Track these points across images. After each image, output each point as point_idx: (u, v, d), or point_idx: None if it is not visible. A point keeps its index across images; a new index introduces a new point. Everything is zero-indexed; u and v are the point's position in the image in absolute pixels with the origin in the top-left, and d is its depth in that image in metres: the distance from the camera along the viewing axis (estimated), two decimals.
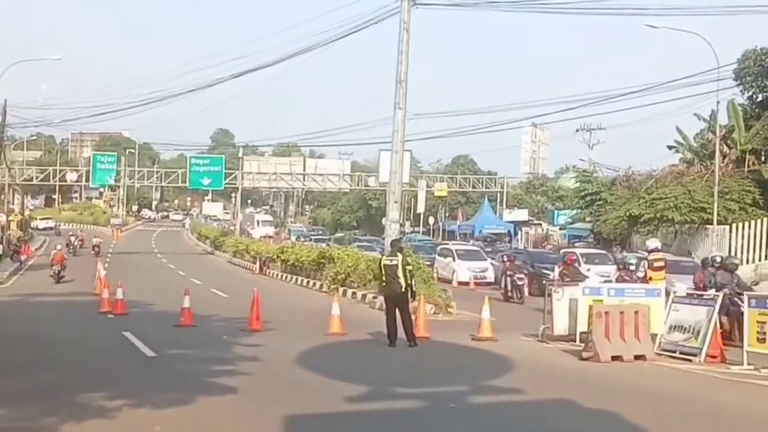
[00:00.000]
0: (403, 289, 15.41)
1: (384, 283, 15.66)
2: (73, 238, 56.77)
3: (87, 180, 61.34)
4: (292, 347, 15.28)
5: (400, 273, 15.39)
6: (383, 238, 61.79)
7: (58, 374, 12.08)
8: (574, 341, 15.85)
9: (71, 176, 62.93)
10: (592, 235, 50.44)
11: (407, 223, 77.22)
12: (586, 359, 13.74)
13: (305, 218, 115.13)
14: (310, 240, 56.09)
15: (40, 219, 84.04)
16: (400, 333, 15.32)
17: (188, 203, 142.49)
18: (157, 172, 65.32)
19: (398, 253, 15.76)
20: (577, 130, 69.12)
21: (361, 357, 14.82)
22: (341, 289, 29.38)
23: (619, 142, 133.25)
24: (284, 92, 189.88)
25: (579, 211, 57.27)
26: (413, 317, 16.07)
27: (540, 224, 65.05)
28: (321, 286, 31.68)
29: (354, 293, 28.00)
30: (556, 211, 72.75)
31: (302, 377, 12.06)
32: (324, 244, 45.08)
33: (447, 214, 75.64)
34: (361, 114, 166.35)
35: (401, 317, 15.49)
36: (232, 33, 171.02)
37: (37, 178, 61.91)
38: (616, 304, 14.75)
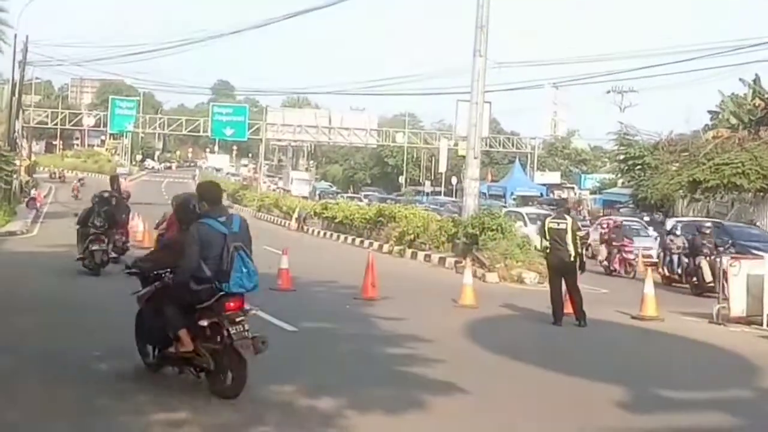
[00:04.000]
0: (571, 258, 13.18)
1: (548, 250, 13.38)
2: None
3: (104, 125, 58.49)
4: (441, 322, 13.09)
5: (569, 239, 13.12)
6: (401, 195, 59.85)
7: None
8: (759, 324, 13.74)
9: (88, 121, 60.03)
10: (632, 201, 48.40)
11: (427, 183, 74.79)
12: None
13: (311, 174, 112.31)
14: (333, 197, 53.41)
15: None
16: None
17: (190, 154, 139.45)
18: (177, 120, 62.35)
19: (566, 216, 13.45)
20: (608, 92, 66.71)
21: (544, 339, 12.47)
22: (409, 251, 27.26)
23: (647, 105, 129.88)
24: (288, 42, 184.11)
25: (617, 175, 55.12)
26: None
27: (572, 188, 62.75)
28: (381, 246, 29.39)
29: (428, 256, 25.75)
30: (582, 175, 70.55)
31: (516, 369, 9.74)
32: (359, 202, 42.85)
33: None
34: (372, 70, 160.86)
35: (569, 291, 13.30)
36: None
37: (52, 122, 58.91)
38: None
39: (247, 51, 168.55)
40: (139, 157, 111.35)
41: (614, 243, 24.08)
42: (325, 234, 36.88)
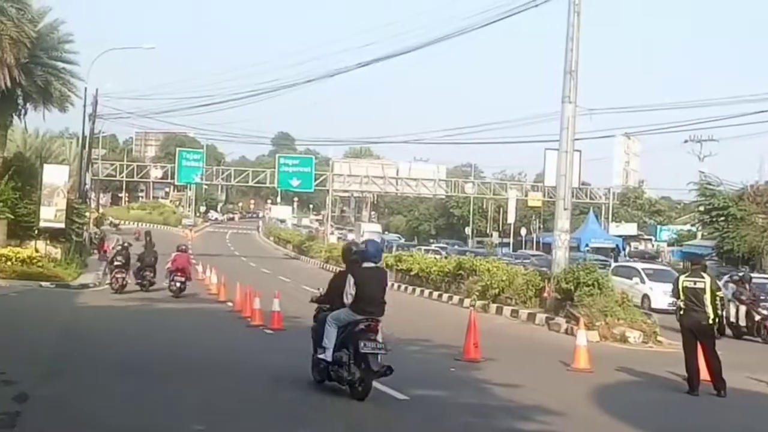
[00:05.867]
0: (710, 321, 11.78)
1: (682, 311, 11.98)
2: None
3: (171, 177, 58.56)
4: (562, 390, 11.79)
5: (707, 300, 11.73)
6: (480, 247, 58.68)
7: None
8: None
9: (155, 173, 60.23)
10: (715, 254, 46.27)
11: (495, 234, 73.35)
12: None
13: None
14: (409, 249, 52.04)
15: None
16: None
17: (252, 206, 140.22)
18: (243, 171, 62.23)
19: (703, 274, 12.05)
20: (686, 141, 64.55)
21: (687, 412, 11.03)
22: (493, 306, 25.89)
23: (724, 154, 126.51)
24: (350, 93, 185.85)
25: (698, 227, 53.08)
26: None
27: (650, 239, 60.64)
28: (461, 300, 28.16)
29: (515, 312, 24.36)
30: (658, 226, 68.48)
31: None
32: (436, 255, 41.62)
33: (540, 226, 71.52)
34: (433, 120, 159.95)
35: (706, 357, 11.87)
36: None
37: (119, 175, 59.20)
38: None
39: (307, 102, 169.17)
40: (202, 209, 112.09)
41: (746, 302, 21.37)
42: (399, 287, 35.69)
